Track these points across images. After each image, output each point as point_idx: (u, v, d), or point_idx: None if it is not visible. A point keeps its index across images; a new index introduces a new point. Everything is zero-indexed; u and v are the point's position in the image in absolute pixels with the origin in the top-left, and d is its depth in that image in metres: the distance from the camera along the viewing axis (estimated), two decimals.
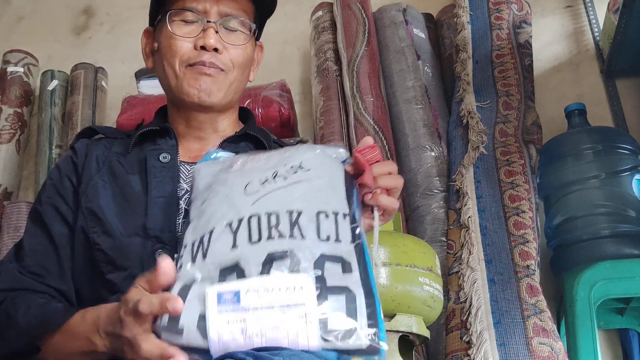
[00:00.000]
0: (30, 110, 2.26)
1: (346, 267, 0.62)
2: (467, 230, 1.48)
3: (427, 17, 2.05)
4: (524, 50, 1.79)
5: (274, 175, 0.71)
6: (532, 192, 1.50)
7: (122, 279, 0.81)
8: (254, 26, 0.97)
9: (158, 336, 0.61)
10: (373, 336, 0.58)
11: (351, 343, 0.57)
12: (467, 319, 1.33)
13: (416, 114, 1.73)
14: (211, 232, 0.66)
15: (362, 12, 1.91)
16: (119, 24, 2.50)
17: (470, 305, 1.35)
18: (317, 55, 1.94)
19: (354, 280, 0.61)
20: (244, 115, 1.06)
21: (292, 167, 0.71)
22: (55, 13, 2.60)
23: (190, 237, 0.68)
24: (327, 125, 1.76)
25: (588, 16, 2.02)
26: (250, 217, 0.66)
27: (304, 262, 0.62)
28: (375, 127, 1.69)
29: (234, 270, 0.62)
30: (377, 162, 0.72)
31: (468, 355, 1.28)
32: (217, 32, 0.91)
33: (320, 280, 0.60)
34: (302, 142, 1.07)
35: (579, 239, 1.49)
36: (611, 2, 1.80)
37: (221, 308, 0.58)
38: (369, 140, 0.74)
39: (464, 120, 1.68)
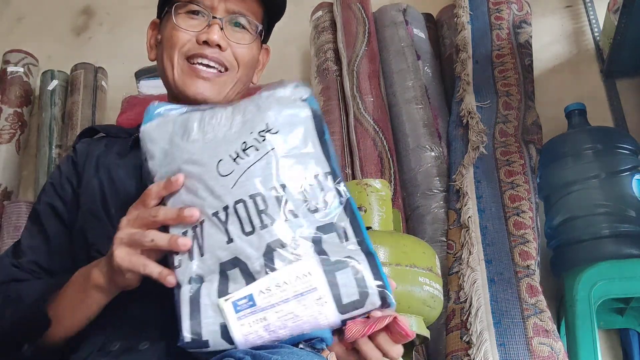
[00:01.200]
0: (30, 110, 2.26)
1: (341, 235, 0.64)
2: (467, 230, 1.47)
3: (427, 17, 2.05)
4: (524, 50, 1.79)
5: (244, 148, 0.66)
6: (532, 192, 1.50)
7: None
8: (260, 26, 0.96)
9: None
10: (383, 292, 0.62)
11: (367, 306, 0.62)
12: (467, 319, 1.33)
13: (416, 114, 1.73)
14: (202, 224, 0.65)
15: (362, 12, 1.91)
16: (118, 24, 2.50)
17: (470, 305, 1.35)
18: (317, 55, 1.94)
19: (353, 249, 0.64)
20: None
21: (259, 134, 0.67)
22: (55, 13, 2.60)
23: (176, 229, 0.66)
24: (327, 125, 1.76)
25: (588, 16, 2.02)
26: (235, 205, 0.63)
27: (304, 245, 0.62)
28: (375, 127, 1.69)
29: (235, 265, 0.63)
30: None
31: (468, 355, 1.28)
32: (222, 28, 0.90)
33: (324, 260, 0.62)
34: None
35: (579, 239, 1.49)
36: (611, 2, 1.80)
37: (240, 315, 0.61)
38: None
39: (464, 120, 1.68)
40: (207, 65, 0.90)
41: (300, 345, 0.61)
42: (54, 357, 0.81)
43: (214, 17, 0.90)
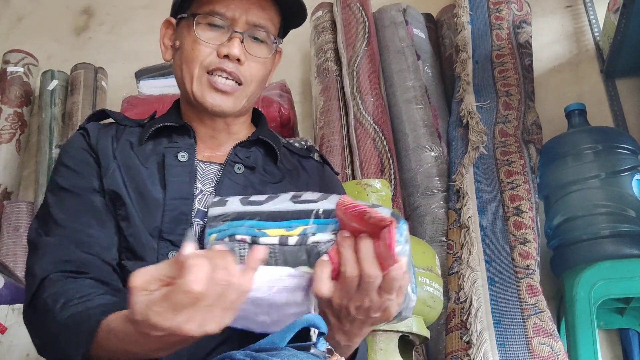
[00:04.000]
0: (30, 110, 2.26)
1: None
2: (467, 230, 1.48)
3: (427, 17, 2.05)
4: (524, 50, 1.79)
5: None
6: (532, 192, 1.50)
7: (137, 268, 0.80)
8: (279, 42, 0.97)
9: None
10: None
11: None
12: (467, 319, 1.33)
13: (416, 114, 1.73)
14: None
15: (362, 12, 1.91)
16: (119, 24, 2.50)
17: (470, 305, 1.35)
18: (317, 55, 1.94)
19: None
20: (256, 116, 1.06)
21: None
22: (55, 13, 2.60)
23: None
24: (327, 125, 1.76)
25: (588, 16, 2.02)
26: None
27: None
28: (375, 127, 1.69)
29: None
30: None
31: (468, 355, 1.28)
32: (242, 42, 0.91)
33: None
34: (309, 148, 1.07)
35: (579, 239, 1.49)
36: (611, 2, 1.80)
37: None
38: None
39: (464, 120, 1.68)
40: (225, 79, 0.91)
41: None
42: None
43: (235, 31, 0.91)
